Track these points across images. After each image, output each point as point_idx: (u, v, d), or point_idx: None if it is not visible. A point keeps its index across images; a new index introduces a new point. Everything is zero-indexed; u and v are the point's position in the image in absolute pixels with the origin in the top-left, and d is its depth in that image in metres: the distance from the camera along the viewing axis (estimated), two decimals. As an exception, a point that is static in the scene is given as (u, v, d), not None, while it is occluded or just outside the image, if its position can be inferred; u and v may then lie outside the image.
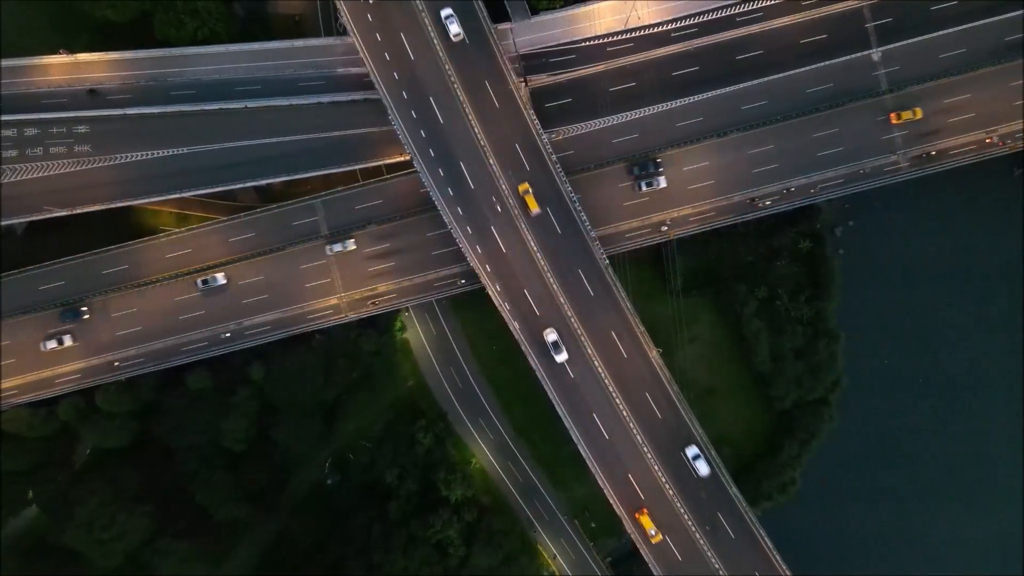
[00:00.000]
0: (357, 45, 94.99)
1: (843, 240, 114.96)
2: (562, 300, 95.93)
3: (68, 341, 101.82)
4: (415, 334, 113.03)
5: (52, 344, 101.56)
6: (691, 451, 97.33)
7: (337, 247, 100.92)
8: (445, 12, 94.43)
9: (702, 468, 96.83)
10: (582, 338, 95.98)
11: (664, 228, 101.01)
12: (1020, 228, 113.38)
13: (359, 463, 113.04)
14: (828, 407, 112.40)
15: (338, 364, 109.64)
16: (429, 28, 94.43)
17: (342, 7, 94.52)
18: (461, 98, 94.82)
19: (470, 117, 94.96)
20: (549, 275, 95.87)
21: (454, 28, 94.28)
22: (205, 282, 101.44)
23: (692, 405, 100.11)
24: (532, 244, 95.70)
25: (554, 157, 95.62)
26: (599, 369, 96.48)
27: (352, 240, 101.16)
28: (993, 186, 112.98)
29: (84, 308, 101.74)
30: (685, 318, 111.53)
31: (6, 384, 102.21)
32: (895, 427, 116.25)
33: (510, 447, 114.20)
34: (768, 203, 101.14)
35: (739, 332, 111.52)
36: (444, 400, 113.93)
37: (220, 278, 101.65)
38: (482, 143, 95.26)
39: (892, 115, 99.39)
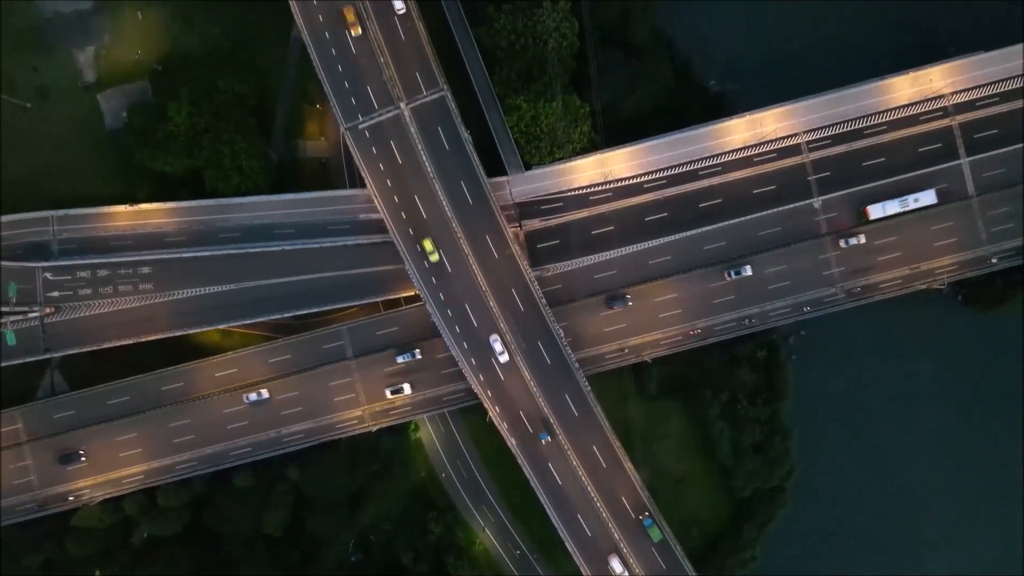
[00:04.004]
0: (378, 207, 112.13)
1: (796, 347, 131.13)
2: (553, 421, 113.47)
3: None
4: (427, 433, 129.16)
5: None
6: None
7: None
8: None
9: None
10: (568, 452, 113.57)
11: (626, 351, 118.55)
12: (948, 337, 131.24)
13: (379, 543, 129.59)
14: (783, 494, 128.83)
15: (361, 459, 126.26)
16: (440, 193, 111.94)
17: (366, 177, 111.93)
18: (466, 250, 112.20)
19: (473, 267, 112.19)
20: (541, 400, 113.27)
21: None
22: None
23: (664, 493, 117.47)
24: (526, 372, 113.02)
25: (544, 300, 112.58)
26: (582, 476, 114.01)
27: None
28: (926, 302, 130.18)
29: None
30: (659, 418, 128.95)
31: (81, 484, 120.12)
32: (844, 506, 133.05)
33: (508, 528, 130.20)
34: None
35: (705, 430, 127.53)
36: (451, 488, 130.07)
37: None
38: (483, 288, 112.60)
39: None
